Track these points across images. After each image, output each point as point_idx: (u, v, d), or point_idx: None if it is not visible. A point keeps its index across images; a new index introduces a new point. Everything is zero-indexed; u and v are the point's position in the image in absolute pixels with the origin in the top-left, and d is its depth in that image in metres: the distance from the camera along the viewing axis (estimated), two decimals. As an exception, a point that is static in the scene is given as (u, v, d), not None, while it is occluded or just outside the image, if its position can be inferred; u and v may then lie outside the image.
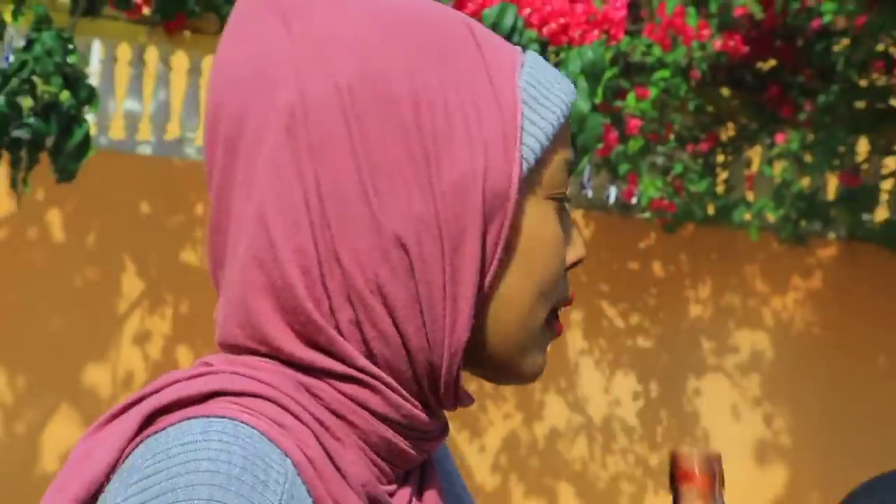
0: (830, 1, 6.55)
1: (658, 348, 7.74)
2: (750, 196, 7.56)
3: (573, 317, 7.90)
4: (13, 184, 5.00)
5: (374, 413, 1.05)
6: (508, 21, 4.70)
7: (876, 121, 6.96)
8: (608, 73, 5.66)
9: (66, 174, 4.85)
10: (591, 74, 4.83)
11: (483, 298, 1.05)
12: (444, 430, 1.15)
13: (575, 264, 1.13)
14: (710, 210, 7.39)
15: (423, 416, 1.07)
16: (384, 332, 1.03)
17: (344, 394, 1.05)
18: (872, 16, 6.28)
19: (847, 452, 7.33)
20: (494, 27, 4.62)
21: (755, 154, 7.45)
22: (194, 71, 7.80)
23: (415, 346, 1.04)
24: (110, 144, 7.83)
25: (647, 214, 7.58)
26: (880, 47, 6.61)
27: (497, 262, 1.03)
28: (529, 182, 1.06)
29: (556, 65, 4.93)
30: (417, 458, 1.13)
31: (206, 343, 8.05)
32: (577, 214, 7.88)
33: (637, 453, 7.80)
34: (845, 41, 6.70)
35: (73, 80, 4.84)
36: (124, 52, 7.63)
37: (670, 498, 7.90)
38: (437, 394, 1.07)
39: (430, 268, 1.03)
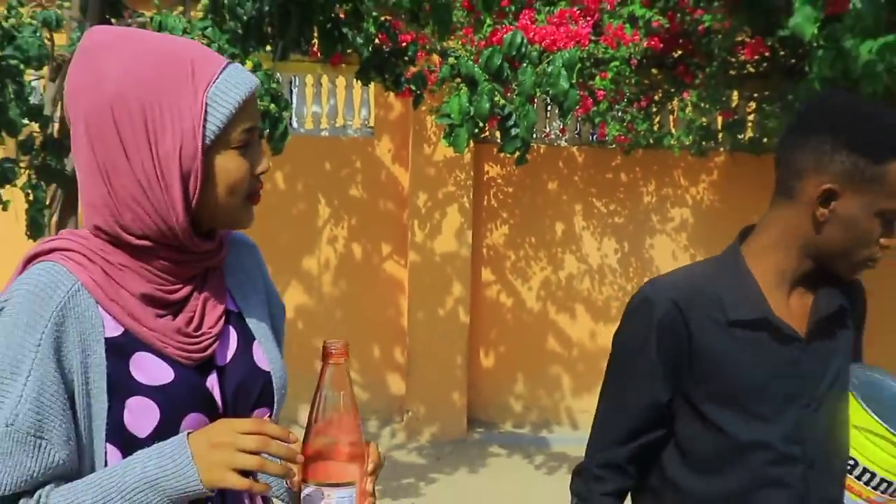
0: (708, 14, 7.02)
1: (627, 222, 8.13)
2: (673, 130, 7.91)
3: (576, 207, 8.07)
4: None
5: (147, 256, 1.38)
6: (517, 40, 4.67)
7: (742, 81, 7.49)
8: (578, 66, 5.75)
9: (276, 151, 4.99)
10: (569, 67, 4.75)
11: (197, 204, 1.36)
12: (212, 255, 1.46)
13: (263, 172, 1.45)
14: (651, 140, 7.72)
15: (173, 255, 1.39)
16: (146, 223, 1.35)
17: (130, 246, 1.37)
18: (732, 21, 6.75)
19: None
20: (510, 45, 4.69)
21: (674, 106, 7.87)
22: (350, 86, 7.95)
23: (162, 229, 1.36)
24: (306, 132, 8.01)
25: (613, 146, 7.84)
26: (739, 38, 7.02)
27: (200, 186, 1.35)
28: (217, 144, 1.36)
29: (549, 62, 4.83)
30: (192, 271, 1.44)
31: (369, 238, 8.11)
32: (573, 150, 8.11)
33: (619, 284, 8.16)
34: (720, 36, 7.06)
35: (276, 97, 4.94)
36: (309, 79, 8.14)
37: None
38: (185, 243, 1.39)
39: (156, 195, 1.33)
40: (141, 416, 1.34)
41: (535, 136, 8.06)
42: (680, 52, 7.71)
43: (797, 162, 1.73)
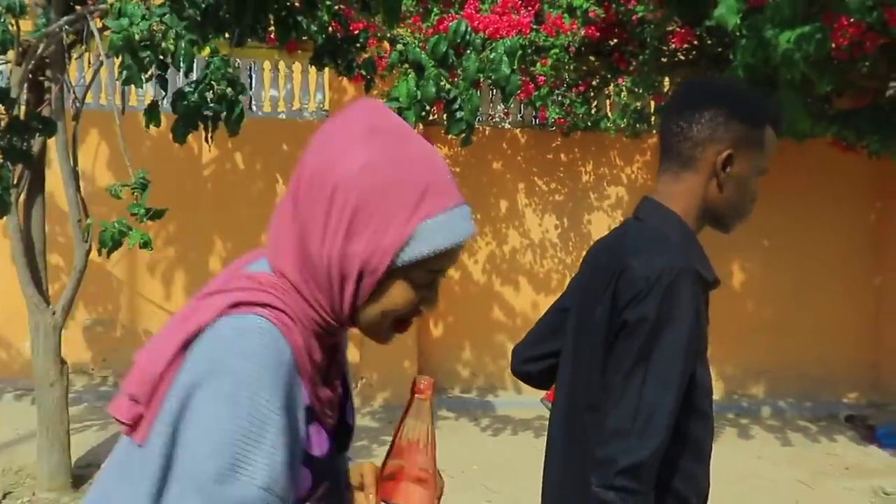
0: (641, 4, 6.98)
1: (566, 199, 8.21)
2: (609, 113, 8.03)
3: (519, 186, 8.15)
4: (206, 140, 5.06)
5: (316, 322, 1.29)
6: (462, 28, 4.72)
7: (672, 67, 7.48)
8: (519, 53, 5.81)
9: (232, 133, 4.96)
10: (510, 54, 4.83)
11: (361, 307, 1.28)
12: (345, 329, 1.37)
13: (424, 309, 1.32)
14: (589, 123, 7.80)
15: (334, 324, 1.29)
16: (321, 302, 1.27)
17: (310, 312, 1.28)
18: (663, 11, 6.63)
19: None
20: (455, 33, 4.73)
21: (610, 91, 7.99)
22: (305, 71, 7.95)
23: (329, 312, 1.28)
24: (264, 115, 8.04)
25: (553, 128, 7.93)
26: (670, 28, 6.95)
27: (367, 295, 1.26)
28: (400, 271, 1.25)
29: (492, 49, 4.90)
30: (331, 339, 1.35)
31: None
32: (516, 132, 8.17)
33: (559, 257, 8.22)
34: (652, 26, 6.96)
35: (233, 81, 4.90)
36: (267, 64, 8.21)
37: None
38: (341, 322, 1.30)
39: (333, 285, 1.25)
40: (301, 485, 1.28)
41: (479, 118, 8.13)
42: (615, 41, 7.66)
43: (696, 134, 1.84)
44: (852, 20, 4.45)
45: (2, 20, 4.48)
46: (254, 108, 8.14)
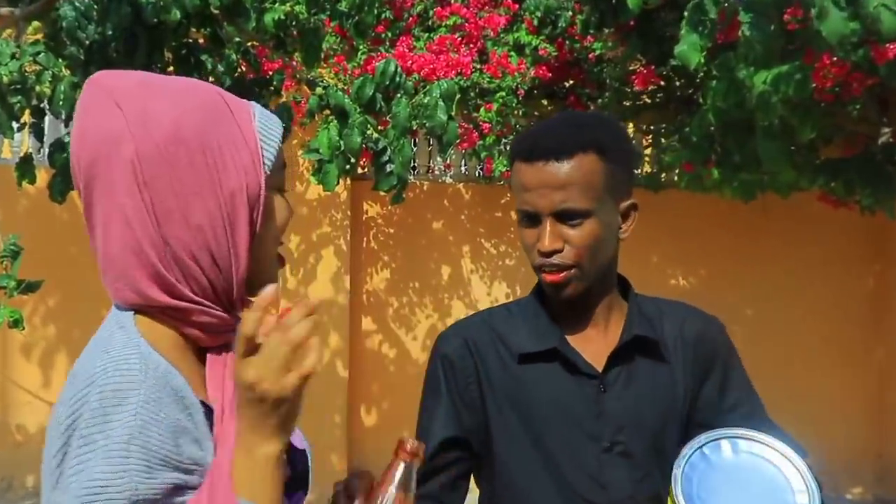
0: (598, 41, 7.24)
1: (518, 265, 8.15)
2: None
3: (463, 249, 8.14)
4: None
5: (196, 318, 1.34)
6: (391, 69, 4.72)
7: (637, 112, 7.60)
8: (458, 97, 5.70)
9: None
10: (447, 98, 4.79)
11: (255, 245, 1.36)
12: (234, 327, 1.35)
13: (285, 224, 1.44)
14: None
15: (225, 315, 1.36)
16: (199, 280, 1.32)
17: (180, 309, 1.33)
18: (624, 49, 6.88)
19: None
20: (382, 75, 4.72)
21: None
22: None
23: (217, 285, 1.34)
24: None
25: (501, 182, 7.94)
26: (632, 67, 7.08)
27: (262, 223, 1.35)
28: (268, 181, 1.36)
29: (426, 93, 4.90)
30: (220, 339, 1.40)
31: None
32: (459, 187, 8.19)
33: None
34: (612, 65, 7.20)
35: None
36: None
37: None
38: (233, 303, 1.37)
39: (220, 242, 1.31)
40: None
41: (416, 171, 8.15)
42: (571, 82, 7.87)
43: None
44: (835, 59, 4.55)
45: None
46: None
